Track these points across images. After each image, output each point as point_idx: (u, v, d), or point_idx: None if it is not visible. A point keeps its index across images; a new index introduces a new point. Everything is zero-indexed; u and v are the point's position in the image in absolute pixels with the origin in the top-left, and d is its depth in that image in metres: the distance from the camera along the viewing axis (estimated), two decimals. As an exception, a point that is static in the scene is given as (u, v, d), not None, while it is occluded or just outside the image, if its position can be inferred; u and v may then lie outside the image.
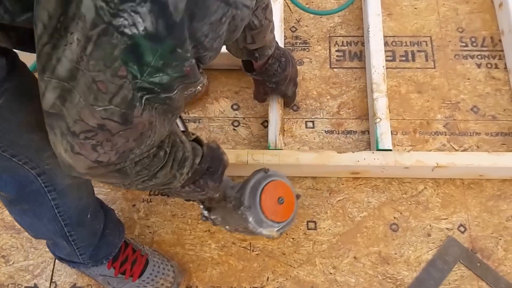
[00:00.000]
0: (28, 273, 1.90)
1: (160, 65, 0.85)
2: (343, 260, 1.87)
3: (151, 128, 1.02)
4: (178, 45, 0.84)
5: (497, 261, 1.84)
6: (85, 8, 0.77)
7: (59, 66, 0.85)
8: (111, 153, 1.00)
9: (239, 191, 1.56)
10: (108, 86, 0.86)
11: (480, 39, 2.28)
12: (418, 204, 1.95)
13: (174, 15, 0.79)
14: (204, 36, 0.88)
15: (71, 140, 0.96)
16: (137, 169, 1.13)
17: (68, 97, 0.89)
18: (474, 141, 2.05)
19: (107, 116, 0.91)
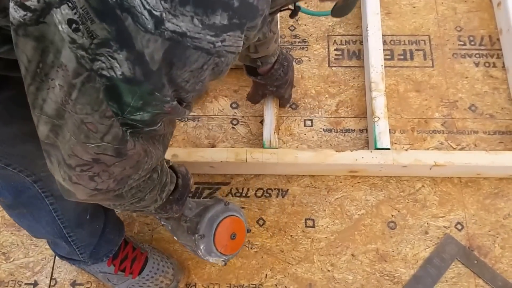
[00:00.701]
0: (28, 270, 1.91)
1: (139, 104, 0.86)
2: (341, 258, 1.88)
3: (147, 155, 1.04)
4: (156, 89, 0.84)
5: (494, 258, 1.85)
6: (65, 58, 0.78)
7: (45, 106, 0.86)
8: (109, 181, 1.01)
9: (197, 217, 1.59)
10: (98, 127, 0.87)
11: (478, 38, 2.29)
12: (416, 202, 1.96)
13: (150, 64, 0.79)
14: (185, 82, 0.88)
15: (68, 171, 0.96)
16: (132, 192, 1.14)
17: (60, 132, 0.90)
18: (472, 140, 2.06)
19: (101, 151, 0.92)
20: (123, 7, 0.73)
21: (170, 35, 0.77)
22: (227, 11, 0.80)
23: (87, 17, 0.74)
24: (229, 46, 0.86)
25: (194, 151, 1.93)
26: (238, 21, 0.83)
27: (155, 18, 0.75)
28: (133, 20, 0.75)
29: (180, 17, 0.76)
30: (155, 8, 0.74)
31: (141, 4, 0.73)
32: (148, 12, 0.74)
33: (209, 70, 0.89)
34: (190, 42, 0.79)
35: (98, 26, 0.75)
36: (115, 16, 0.74)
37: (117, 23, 0.75)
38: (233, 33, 0.84)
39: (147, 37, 0.76)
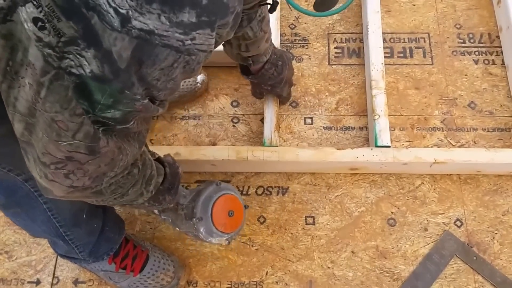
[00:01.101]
0: (30, 268, 1.92)
1: (110, 102, 0.86)
2: (341, 255, 1.89)
3: (122, 152, 1.04)
4: (126, 88, 0.84)
5: (493, 255, 1.86)
6: (33, 57, 0.79)
7: (17, 104, 0.86)
8: (85, 178, 1.01)
9: (191, 202, 1.59)
10: (68, 125, 0.88)
11: (477, 35, 2.30)
12: (415, 199, 1.96)
13: (119, 62, 0.80)
14: (156, 80, 0.88)
15: (43, 169, 0.96)
16: (112, 188, 1.14)
17: (33, 130, 0.90)
18: (471, 137, 2.07)
19: (73, 149, 0.92)
20: (89, 5, 0.74)
21: (138, 33, 0.77)
22: (195, 9, 0.80)
23: (53, 15, 0.75)
24: (200, 45, 0.86)
25: (195, 150, 1.94)
26: (207, 19, 0.83)
27: (121, 16, 0.75)
28: (99, 18, 0.75)
29: (146, 14, 0.76)
30: (121, 6, 0.74)
31: (106, 2, 0.74)
32: (114, 10, 0.75)
33: (180, 68, 0.89)
34: (159, 40, 0.80)
35: (64, 25, 0.75)
36: (81, 15, 0.74)
37: (84, 22, 0.75)
38: (203, 31, 0.84)
39: (114, 35, 0.77)
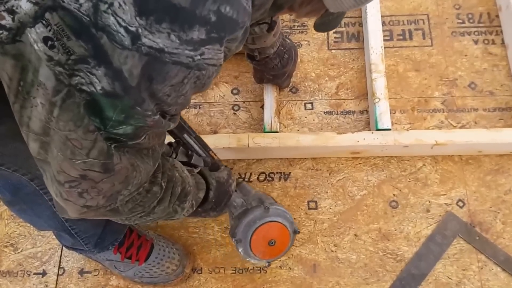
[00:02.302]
0: (36, 260, 1.94)
1: (121, 118, 0.86)
2: (344, 238, 1.89)
3: (135, 169, 1.03)
4: (136, 104, 0.85)
5: (495, 234, 1.86)
6: (44, 77, 0.79)
7: (31, 123, 0.86)
8: (98, 198, 1.00)
9: (236, 220, 1.56)
10: (82, 143, 0.87)
11: (477, 15, 2.28)
12: (417, 181, 1.96)
13: (129, 80, 0.80)
14: (166, 96, 0.88)
15: (58, 187, 0.96)
16: (129, 207, 1.12)
17: (49, 148, 0.90)
18: (472, 117, 2.06)
19: (88, 167, 0.92)
20: (98, 26, 0.75)
21: (148, 50, 0.78)
22: (205, 26, 0.81)
23: (62, 34, 0.75)
24: (209, 59, 0.87)
25: (196, 138, 1.94)
26: (216, 35, 0.84)
27: (131, 34, 0.76)
28: (108, 39, 0.76)
29: (156, 33, 0.77)
30: (131, 24, 0.75)
31: (116, 23, 0.75)
32: (124, 29, 0.75)
33: (191, 84, 0.90)
34: (169, 57, 0.80)
35: (74, 43, 0.76)
36: (91, 34, 0.75)
37: (93, 41, 0.76)
38: (212, 46, 0.85)
39: (124, 53, 0.77)
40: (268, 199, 1.60)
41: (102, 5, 0.73)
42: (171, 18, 0.77)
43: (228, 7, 0.83)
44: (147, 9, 0.76)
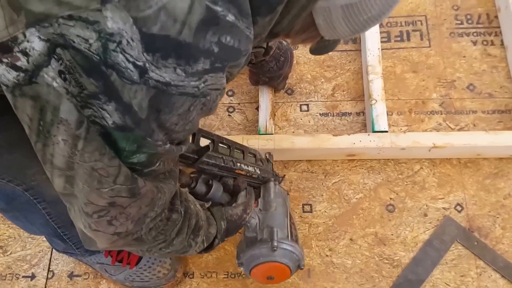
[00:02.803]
0: (25, 263, 1.91)
1: (134, 148, 0.89)
2: (339, 242, 1.86)
3: (160, 190, 1.04)
4: (147, 135, 0.87)
5: (494, 239, 1.83)
6: (65, 113, 0.80)
7: (54, 160, 0.87)
8: (127, 223, 1.02)
9: (242, 244, 1.60)
10: (108, 170, 0.89)
11: (475, 16, 2.26)
12: (414, 184, 1.93)
13: (139, 113, 0.82)
14: (174, 125, 0.90)
15: (87, 219, 0.98)
16: (153, 235, 1.13)
17: (74, 182, 0.91)
18: (471, 120, 2.03)
19: (115, 194, 0.93)
20: (108, 64, 0.76)
21: (155, 83, 0.80)
22: (209, 58, 0.84)
23: (74, 70, 0.77)
24: (212, 85, 0.88)
25: (189, 139, 1.91)
26: (220, 65, 0.86)
27: (139, 68, 0.78)
28: (118, 75, 0.77)
29: (163, 68, 0.79)
30: (138, 59, 0.77)
31: (125, 60, 0.77)
32: (132, 64, 0.77)
33: (197, 110, 0.91)
34: (175, 90, 0.83)
35: (86, 81, 0.77)
36: (101, 72, 0.77)
37: (104, 78, 0.78)
38: (215, 74, 0.87)
39: (134, 88, 0.79)
40: (282, 230, 1.58)
41: (111, 44, 0.75)
42: (177, 54, 0.80)
43: (228, 37, 0.85)
44: (154, 47, 0.78)
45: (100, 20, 0.74)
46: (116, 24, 0.74)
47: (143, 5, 0.75)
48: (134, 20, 0.75)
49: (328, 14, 1.00)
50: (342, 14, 0.99)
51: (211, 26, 0.82)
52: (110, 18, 0.74)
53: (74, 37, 0.74)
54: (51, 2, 0.73)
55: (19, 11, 0.74)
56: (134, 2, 0.74)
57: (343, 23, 1.01)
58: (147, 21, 0.76)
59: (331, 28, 1.03)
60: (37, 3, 0.73)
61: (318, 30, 1.05)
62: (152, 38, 0.77)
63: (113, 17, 0.74)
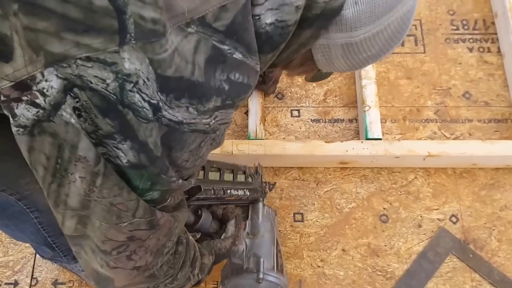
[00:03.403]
0: (8, 269, 1.86)
1: (148, 186, 0.90)
2: (331, 253, 1.83)
3: (176, 219, 1.05)
4: (162, 172, 0.88)
5: (490, 252, 1.80)
6: (83, 150, 0.81)
7: (69, 200, 0.87)
8: (147, 255, 1.01)
9: (227, 270, 1.60)
10: (127, 204, 0.89)
11: (472, 22, 2.23)
12: (409, 194, 1.90)
13: (154, 151, 0.84)
14: (185, 161, 0.92)
15: (104, 257, 0.96)
16: (164, 270, 1.12)
17: (88, 221, 0.90)
18: (466, 128, 2.00)
19: (135, 227, 0.93)
20: (124, 103, 0.78)
21: (167, 122, 0.82)
22: (221, 96, 0.87)
23: (90, 111, 0.78)
24: (221, 120, 0.92)
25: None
26: (231, 102, 0.90)
27: (153, 106, 0.79)
28: (134, 115, 0.79)
29: (176, 108, 0.82)
30: (153, 97, 0.79)
31: (141, 99, 0.78)
32: (148, 103, 0.79)
33: (207, 146, 0.94)
34: (187, 127, 0.85)
35: (101, 121, 0.79)
36: (118, 111, 0.78)
37: (120, 118, 0.79)
38: (225, 110, 0.91)
39: (149, 126, 0.81)
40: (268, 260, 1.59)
41: (128, 85, 0.77)
42: (190, 94, 0.82)
43: (237, 73, 0.89)
44: (168, 87, 0.80)
45: (118, 61, 0.75)
46: (133, 65, 0.76)
47: (158, 49, 0.77)
48: (150, 61, 0.77)
49: (327, 51, 1.04)
50: (342, 52, 1.03)
51: (218, 64, 0.85)
52: (127, 59, 0.76)
53: (92, 77, 0.75)
54: (70, 44, 0.74)
55: (39, 51, 0.74)
56: (150, 45, 0.76)
57: (341, 60, 1.06)
58: (162, 64, 0.78)
59: (329, 63, 1.08)
60: (57, 44, 0.74)
61: (316, 64, 1.10)
62: (167, 79, 0.79)
63: (130, 58, 0.76)
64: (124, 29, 0.75)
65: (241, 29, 0.88)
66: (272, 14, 0.92)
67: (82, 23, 0.74)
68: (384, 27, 0.99)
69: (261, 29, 0.92)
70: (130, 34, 0.75)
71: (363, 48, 1.02)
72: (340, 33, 1.00)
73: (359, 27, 0.98)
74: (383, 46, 1.03)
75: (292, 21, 0.93)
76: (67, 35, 0.74)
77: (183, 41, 0.80)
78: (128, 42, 0.75)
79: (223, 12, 0.84)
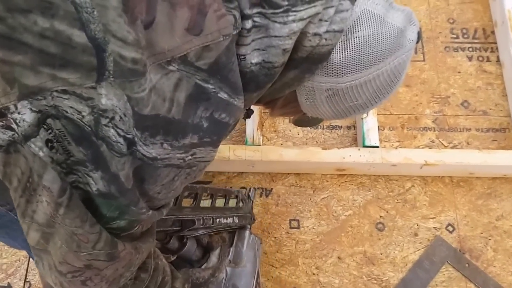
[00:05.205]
0: (1, 272, 1.86)
1: (116, 214, 0.87)
2: (327, 260, 1.82)
3: (138, 251, 1.02)
4: (131, 204, 0.86)
5: (486, 262, 1.80)
6: (48, 181, 0.79)
7: (35, 216, 0.86)
8: (102, 283, 0.98)
9: None
10: (89, 237, 0.87)
11: (471, 30, 2.22)
12: (405, 203, 1.90)
13: (125, 184, 0.82)
14: (157, 193, 0.90)
15: (59, 277, 0.94)
16: None
17: (51, 239, 0.89)
18: (464, 137, 2.00)
19: (93, 258, 0.90)
20: (98, 135, 0.76)
21: (141, 156, 0.81)
22: (197, 133, 0.85)
23: (63, 138, 0.77)
24: (201, 157, 0.89)
25: (174, 148, 1.86)
26: (209, 139, 0.88)
27: (128, 140, 0.78)
28: (107, 148, 0.77)
29: (150, 145, 0.80)
30: (128, 132, 0.77)
31: (116, 134, 0.77)
32: (123, 138, 0.77)
33: (182, 180, 0.92)
34: (161, 163, 0.83)
35: (74, 149, 0.78)
36: (91, 142, 0.77)
37: (93, 148, 0.78)
38: (204, 148, 0.88)
39: (122, 160, 0.79)
40: None
41: (103, 119, 0.76)
42: (165, 131, 0.81)
43: (223, 114, 0.88)
44: (143, 125, 0.79)
45: (94, 97, 0.74)
46: (110, 101, 0.75)
47: (137, 88, 0.76)
48: (128, 98, 0.76)
49: (311, 94, 1.01)
50: (326, 97, 1.00)
51: (201, 102, 0.84)
52: (105, 96, 0.75)
53: (68, 108, 0.75)
54: (46, 77, 0.73)
55: (13, 83, 0.74)
56: (129, 83, 0.75)
57: (326, 106, 1.02)
58: (140, 102, 0.77)
59: (313, 107, 1.05)
60: (32, 77, 0.74)
61: (300, 107, 1.07)
62: (143, 118, 0.78)
63: (107, 94, 0.75)
64: (103, 67, 0.74)
65: (225, 69, 0.87)
66: (259, 54, 0.91)
67: (60, 58, 0.73)
68: (373, 77, 0.96)
69: (246, 68, 0.91)
70: (109, 72, 0.74)
71: (349, 96, 0.99)
72: (326, 77, 0.97)
73: (345, 73, 0.96)
74: (370, 97, 0.99)
75: (279, 63, 0.92)
76: (44, 69, 0.73)
77: (162, 78, 0.79)
78: (107, 79, 0.74)
79: (206, 52, 0.83)
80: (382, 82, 0.97)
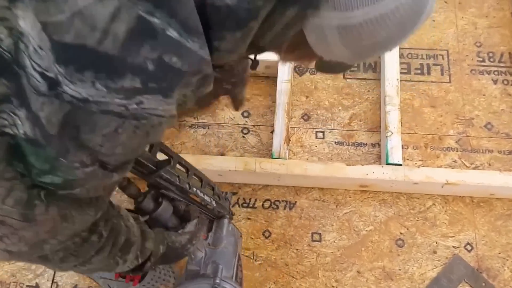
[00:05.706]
0: (30, 272, 1.90)
1: (47, 168, 0.80)
2: (346, 274, 1.85)
3: (67, 220, 0.93)
4: (60, 155, 0.78)
5: (503, 282, 1.81)
6: None
7: None
8: (20, 244, 0.90)
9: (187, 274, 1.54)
10: None
11: (498, 54, 2.24)
12: (426, 220, 1.92)
13: (47, 127, 0.73)
14: (99, 146, 0.79)
15: None
16: (60, 256, 1.02)
17: None
18: (486, 159, 2.02)
19: (5, 214, 0.83)
20: (19, 64, 0.70)
21: (70, 98, 0.71)
22: (139, 75, 0.73)
23: None
24: (152, 109, 0.77)
25: (202, 159, 1.90)
26: (155, 85, 0.75)
27: (49, 80, 0.70)
28: (27, 81, 0.70)
29: (78, 83, 0.70)
30: (48, 69, 0.69)
31: (31, 66, 0.69)
32: (40, 75, 0.70)
33: (129, 133, 0.79)
34: (95, 107, 0.73)
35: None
36: (13, 72, 0.71)
37: (15, 79, 0.71)
38: (152, 96, 0.76)
39: (40, 100, 0.71)
40: (228, 269, 1.53)
41: (22, 45, 0.69)
42: (95, 67, 0.71)
43: (174, 57, 0.74)
44: (66, 57, 0.70)
45: (10, 18, 0.68)
46: (27, 26, 0.68)
47: (53, 9, 0.67)
48: (43, 25, 0.67)
49: (321, 34, 0.88)
50: (339, 36, 0.87)
51: (145, 39, 0.72)
52: (22, 18, 0.68)
53: None
54: None
55: None
56: (43, 3, 0.67)
57: (341, 46, 0.89)
58: (58, 28, 0.68)
59: (327, 49, 0.92)
60: None
61: (313, 50, 0.93)
62: (65, 47, 0.69)
63: (25, 17, 0.68)
64: None
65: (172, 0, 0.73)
66: None
67: None
68: (391, 10, 0.82)
69: (219, 1, 0.77)
70: None
71: (366, 33, 0.85)
72: (333, 11, 0.83)
73: (356, 6, 0.81)
74: (392, 33, 0.86)
75: None
76: None
77: (96, 4, 0.68)
78: None
79: None
80: (403, 15, 0.84)
